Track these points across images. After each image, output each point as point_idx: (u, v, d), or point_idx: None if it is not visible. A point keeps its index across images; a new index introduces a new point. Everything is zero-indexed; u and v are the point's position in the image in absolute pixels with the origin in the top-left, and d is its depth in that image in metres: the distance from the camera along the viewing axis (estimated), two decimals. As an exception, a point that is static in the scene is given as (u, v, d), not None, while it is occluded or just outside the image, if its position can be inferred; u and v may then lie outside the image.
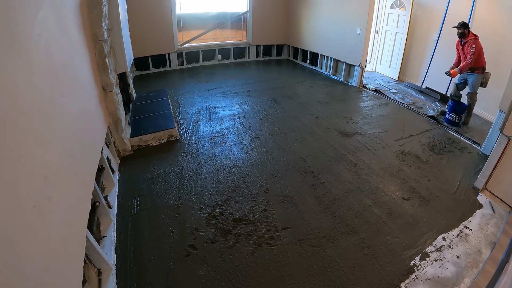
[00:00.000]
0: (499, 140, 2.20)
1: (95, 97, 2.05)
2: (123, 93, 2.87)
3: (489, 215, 2.07)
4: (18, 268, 0.74)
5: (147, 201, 2.12)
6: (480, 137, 3.23)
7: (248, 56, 6.66)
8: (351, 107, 4.07)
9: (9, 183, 0.79)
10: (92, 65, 2.07)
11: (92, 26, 2.12)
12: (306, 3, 5.87)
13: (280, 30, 6.68)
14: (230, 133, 3.18)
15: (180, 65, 5.92)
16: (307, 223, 1.95)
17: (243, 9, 6.17)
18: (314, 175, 2.46)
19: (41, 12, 1.25)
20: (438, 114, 3.80)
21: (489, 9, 3.60)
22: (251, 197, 2.18)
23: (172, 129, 3.00)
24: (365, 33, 4.53)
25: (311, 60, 6.22)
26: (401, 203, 2.16)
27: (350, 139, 3.11)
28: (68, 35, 1.63)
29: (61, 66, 1.43)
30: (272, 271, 1.61)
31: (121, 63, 2.78)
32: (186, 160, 2.65)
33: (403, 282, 1.56)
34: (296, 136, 3.12)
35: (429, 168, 2.61)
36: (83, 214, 1.37)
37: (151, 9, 5.10)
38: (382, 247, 1.78)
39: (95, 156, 1.80)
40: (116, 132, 2.52)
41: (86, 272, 1.32)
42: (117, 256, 1.67)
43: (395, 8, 5.21)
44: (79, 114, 1.60)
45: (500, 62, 3.52)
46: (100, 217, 1.78)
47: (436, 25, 4.34)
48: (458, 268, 1.65)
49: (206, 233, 1.84)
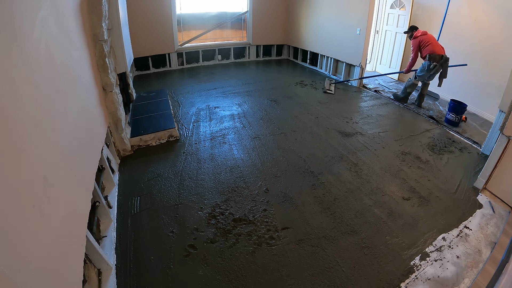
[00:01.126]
0: (499, 140, 2.20)
1: (95, 97, 2.05)
2: (123, 93, 2.87)
3: (489, 215, 2.07)
4: (18, 268, 0.74)
5: (147, 201, 2.12)
6: (480, 137, 3.24)
7: (248, 56, 6.66)
8: (351, 107, 4.07)
9: (9, 183, 0.79)
10: (92, 65, 2.07)
11: (92, 26, 2.12)
12: (306, 3, 5.87)
13: (280, 30, 6.68)
14: (230, 133, 3.18)
15: (180, 65, 5.92)
16: (307, 223, 1.95)
17: (243, 9, 6.17)
18: (314, 175, 2.46)
19: (41, 12, 1.25)
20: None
21: (488, 10, 3.59)
22: (251, 197, 2.18)
23: (172, 129, 3.00)
24: (365, 33, 4.53)
25: (311, 60, 6.22)
26: (401, 203, 2.16)
27: (350, 139, 3.11)
28: (68, 35, 1.63)
29: (61, 66, 1.43)
30: (272, 271, 1.61)
31: (121, 63, 2.77)
32: (186, 160, 2.65)
33: (403, 282, 1.56)
34: (296, 136, 3.12)
35: (429, 168, 2.61)
36: (83, 214, 1.37)
37: (151, 9, 5.10)
38: (382, 247, 1.78)
39: (95, 156, 1.80)
40: (116, 132, 2.52)
41: (86, 272, 1.32)
42: (117, 256, 1.67)
43: (395, 8, 5.22)
44: (79, 114, 1.60)
45: (499, 62, 3.52)
46: (100, 217, 1.78)
47: (436, 25, 4.33)
48: (458, 268, 1.65)
49: (206, 233, 1.84)
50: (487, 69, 3.75)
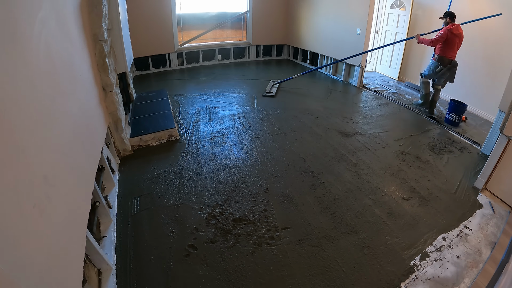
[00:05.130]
0: (499, 140, 2.20)
1: (95, 97, 2.05)
2: (123, 93, 2.87)
3: (489, 215, 2.07)
4: (18, 268, 0.74)
5: (147, 201, 2.12)
6: (480, 137, 3.24)
7: (248, 56, 6.65)
8: (351, 107, 4.07)
9: (9, 183, 0.79)
10: (92, 65, 2.07)
11: (92, 26, 2.12)
12: (306, 3, 5.87)
13: (280, 30, 6.68)
14: (230, 133, 3.18)
15: (180, 65, 5.92)
16: (307, 223, 1.95)
17: (243, 9, 6.17)
18: (314, 175, 2.46)
19: (41, 12, 1.24)
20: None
21: (488, 10, 3.59)
22: (251, 197, 2.18)
23: (172, 129, 3.00)
24: (365, 33, 4.52)
25: (311, 60, 6.22)
26: (401, 203, 2.16)
27: (350, 139, 3.11)
28: (68, 35, 1.63)
29: (61, 66, 1.43)
30: (272, 271, 1.61)
31: (121, 63, 2.77)
32: (186, 160, 2.65)
33: (403, 282, 1.56)
34: (296, 136, 3.12)
35: (429, 168, 2.61)
36: (83, 214, 1.37)
37: (151, 9, 5.10)
38: (382, 247, 1.78)
39: (95, 156, 1.80)
40: (116, 132, 2.52)
41: (86, 272, 1.32)
42: (117, 256, 1.67)
43: (395, 8, 5.21)
44: (79, 114, 1.60)
45: (499, 62, 3.52)
46: (100, 217, 1.78)
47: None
48: (458, 268, 1.65)
49: (206, 233, 1.84)
50: (487, 69, 3.75)
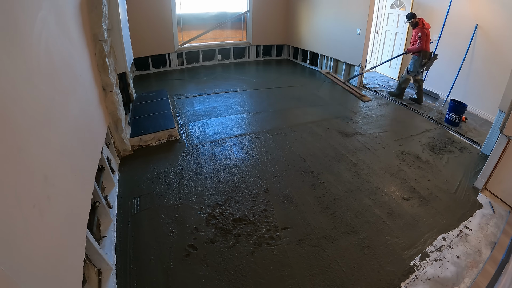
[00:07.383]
0: (499, 140, 2.20)
1: (95, 97, 2.05)
2: (123, 93, 2.87)
3: (489, 215, 2.07)
4: (18, 268, 0.74)
5: (147, 201, 2.12)
6: (480, 137, 3.24)
7: (248, 56, 6.65)
8: (351, 107, 4.07)
9: (9, 182, 0.79)
10: (92, 65, 2.07)
11: (92, 26, 2.12)
12: (306, 3, 5.87)
13: (280, 30, 6.67)
14: (230, 133, 3.18)
15: (180, 65, 5.91)
16: (307, 223, 1.95)
17: (243, 9, 6.17)
18: (314, 175, 2.46)
19: (41, 12, 1.24)
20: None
21: (488, 10, 3.59)
22: (251, 197, 2.18)
23: (172, 129, 3.00)
24: (365, 33, 4.53)
25: (311, 60, 6.22)
26: (401, 203, 2.16)
27: (350, 139, 3.11)
28: (68, 35, 1.63)
29: (61, 66, 1.43)
30: (272, 271, 1.61)
31: (121, 63, 2.77)
32: (186, 160, 2.65)
33: (403, 282, 1.56)
34: (296, 136, 3.12)
35: (429, 168, 2.61)
36: (83, 214, 1.37)
37: (151, 9, 5.10)
38: (382, 247, 1.78)
39: (95, 156, 1.80)
40: (116, 132, 2.52)
41: (86, 272, 1.32)
42: (117, 256, 1.67)
43: (395, 8, 5.21)
44: (79, 114, 1.60)
45: (499, 62, 3.52)
46: (100, 217, 1.78)
47: (436, 25, 4.33)
48: (458, 268, 1.65)
49: (206, 233, 1.84)
50: (487, 69, 3.75)
